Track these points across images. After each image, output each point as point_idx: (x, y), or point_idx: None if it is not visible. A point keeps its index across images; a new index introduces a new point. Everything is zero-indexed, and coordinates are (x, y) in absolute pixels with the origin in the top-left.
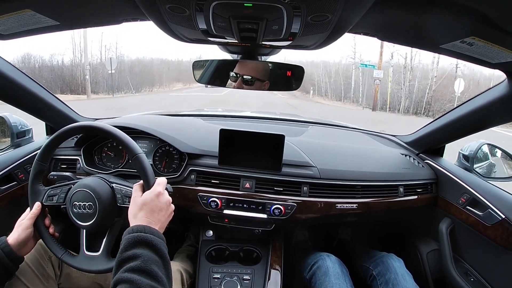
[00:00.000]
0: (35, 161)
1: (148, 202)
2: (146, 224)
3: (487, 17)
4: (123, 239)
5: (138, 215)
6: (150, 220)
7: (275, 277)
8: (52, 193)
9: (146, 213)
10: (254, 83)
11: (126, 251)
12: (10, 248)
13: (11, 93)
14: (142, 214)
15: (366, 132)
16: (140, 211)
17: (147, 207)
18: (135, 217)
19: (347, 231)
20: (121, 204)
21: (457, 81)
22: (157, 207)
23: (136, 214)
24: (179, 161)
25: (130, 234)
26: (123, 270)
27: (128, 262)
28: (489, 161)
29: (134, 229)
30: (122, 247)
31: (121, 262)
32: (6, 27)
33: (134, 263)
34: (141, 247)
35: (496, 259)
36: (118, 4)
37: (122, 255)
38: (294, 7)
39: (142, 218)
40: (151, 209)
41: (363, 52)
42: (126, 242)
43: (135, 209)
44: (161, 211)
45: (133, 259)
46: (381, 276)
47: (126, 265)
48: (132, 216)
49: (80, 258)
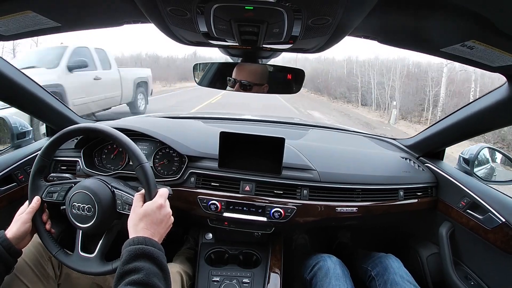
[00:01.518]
0: (38, 156)
1: (149, 213)
2: (146, 235)
3: (487, 20)
4: (124, 251)
5: (139, 226)
6: (150, 232)
7: (274, 281)
8: (53, 189)
9: (146, 224)
10: (252, 88)
11: (127, 263)
12: (8, 242)
13: (11, 94)
14: (142, 225)
15: (366, 136)
16: (140, 221)
17: (147, 218)
18: (135, 228)
19: (347, 235)
20: (120, 210)
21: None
22: (157, 219)
23: (137, 225)
24: (179, 164)
25: (131, 246)
26: (125, 283)
27: (130, 275)
28: (489, 164)
29: (135, 241)
30: (124, 259)
31: (123, 274)
32: (7, 28)
33: (136, 276)
34: (143, 260)
35: (496, 263)
36: (119, 6)
37: (124, 268)
38: (294, 10)
39: (142, 230)
40: (151, 221)
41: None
42: (127, 255)
43: (135, 219)
44: (161, 223)
45: (135, 272)
46: (379, 276)
47: (128, 278)
48: (132, 226)
49: (74, 257)
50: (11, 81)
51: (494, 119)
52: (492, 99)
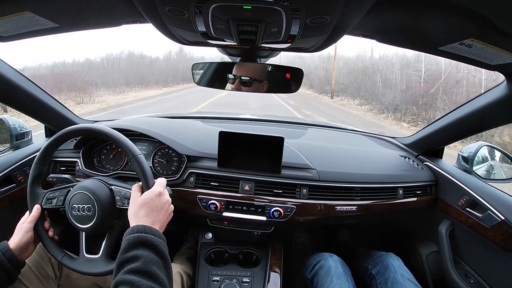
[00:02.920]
0: (34, 164)
1: (148, 201)
2: (146, 224)
3: (486, 19)
4: (123, 239)
5: (139, 214)
6: (150, 220)
7: (274, 280)
8: (51, 196)
9: (146, 212)
10: (252, 84)
11: (126, 252)
12: (11, 253)
13: (10, 95)
14: (142, 213)
15: (365, 134)
16: (140, 210)
17: (147, 206)
18: (136, 216)
19: (347, 233)
20: (120, 206)
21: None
22: (157, 206)
23: (137, 213)
24: (178, 164)
25: (130, 235)
26: (123, 271)
27: (129, 264)
28: (488, 162)
29: (135, 229)
30: (123, 248)
31: (121, 263)
32: (5, 29)
33: (134, 265)
34: (142, 248)
35: (496, 261)
36: (117, 7)
37: (122, 256)
38: (293, 9)
39: (142, 218)
40: (151, 208)
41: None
42: (126, 243)
43: (135, 209)
44: (161, 210)
45: (134, 260)
46: (380, 275)
47: (127, 266)
48: (132, 215)
49: (80, 260)
50: (10, 82)
51: (493, 117)
52: (491, 97)
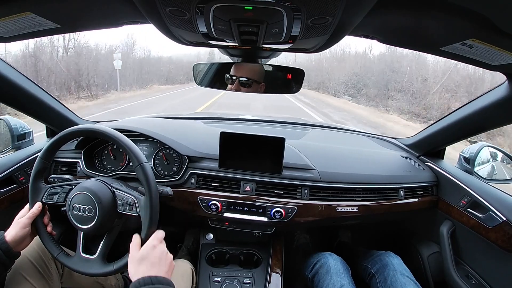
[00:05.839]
0: (38, 159)
1: (146, 256)
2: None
3: (487, 19)
4: None
5: (140, 271)
6: (154, 272)
7: (275, 281)
8: (53, 192)
9: (147, 267)
10: (251, 85)
11: None
12: (7, 245)
13: (12, 96)
14: (143, 268)
15: (366, 135)
16: (140, 266)
17: (146, 261)
18: (137, 274)
19: (348, 234)
20: (121, 210)
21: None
22: (155, 257)
23: (138, 270)
24: (179, 164)
25: None
26: None
27: None
28: (489, 163)
29: (141, 282)
30: None
31: None
32: (6, 30)
33: None
34: None
35: (497, 262)
36: (118, 7)
37: None
38: (294, 10)
39: (145, 273)
40: (151, 262)
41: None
42: None
43: (135, 266)
44: (160, 261)
45: None
46: (379, 273)
47: None
48: (133, 274)
49: (75, 259)
50: (11, 82)
51: (495, 117)
52: (492, 98)
